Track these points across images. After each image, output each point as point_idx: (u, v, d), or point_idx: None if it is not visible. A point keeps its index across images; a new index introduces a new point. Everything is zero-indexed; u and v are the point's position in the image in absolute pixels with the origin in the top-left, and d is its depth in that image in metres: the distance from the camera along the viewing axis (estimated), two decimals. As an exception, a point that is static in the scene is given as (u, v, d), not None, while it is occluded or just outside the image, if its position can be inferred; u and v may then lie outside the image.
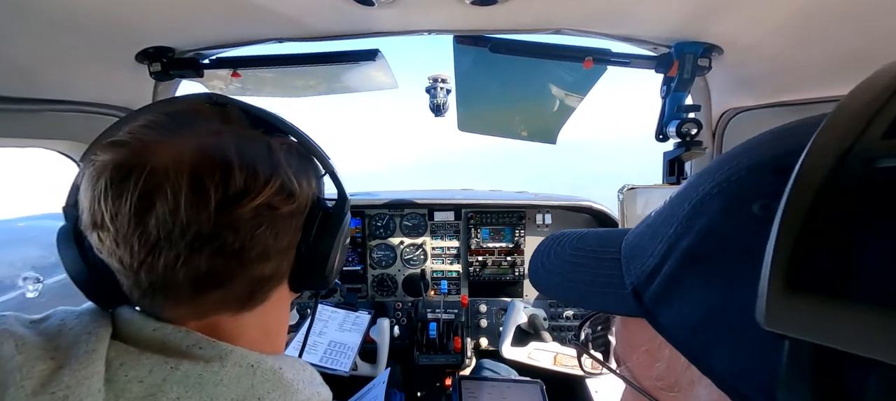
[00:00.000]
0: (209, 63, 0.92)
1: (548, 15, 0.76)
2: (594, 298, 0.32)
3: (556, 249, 0.39)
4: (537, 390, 0.93)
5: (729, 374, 0.21)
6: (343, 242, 0.46)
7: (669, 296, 0.25)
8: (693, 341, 0.23)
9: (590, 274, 0.33)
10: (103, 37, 0.74)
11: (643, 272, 0.27)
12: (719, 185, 0.24)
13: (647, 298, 0.26)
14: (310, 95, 1.23)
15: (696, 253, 0.24)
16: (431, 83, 1.15)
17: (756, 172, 0.22)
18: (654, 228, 0.28)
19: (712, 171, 0.25)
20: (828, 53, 0.72)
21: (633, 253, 0.30)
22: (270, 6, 0.70)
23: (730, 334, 0.21)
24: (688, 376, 0.25)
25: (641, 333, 0.28)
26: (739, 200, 0.22)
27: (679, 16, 0.73)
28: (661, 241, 0.26)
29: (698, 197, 0.25)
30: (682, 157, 0.89)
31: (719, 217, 0.23)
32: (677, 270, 0.24)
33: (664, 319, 0.25)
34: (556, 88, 1.07)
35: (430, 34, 0.84)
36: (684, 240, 0.24)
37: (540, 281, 0.39)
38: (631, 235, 0.32)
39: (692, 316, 0.23)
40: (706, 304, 0.23)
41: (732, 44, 0.80)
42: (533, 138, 1.33)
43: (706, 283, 0.23)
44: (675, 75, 0.86)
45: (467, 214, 1.51)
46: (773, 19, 0.68)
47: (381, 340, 1.24)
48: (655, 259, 0.26)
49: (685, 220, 0.25)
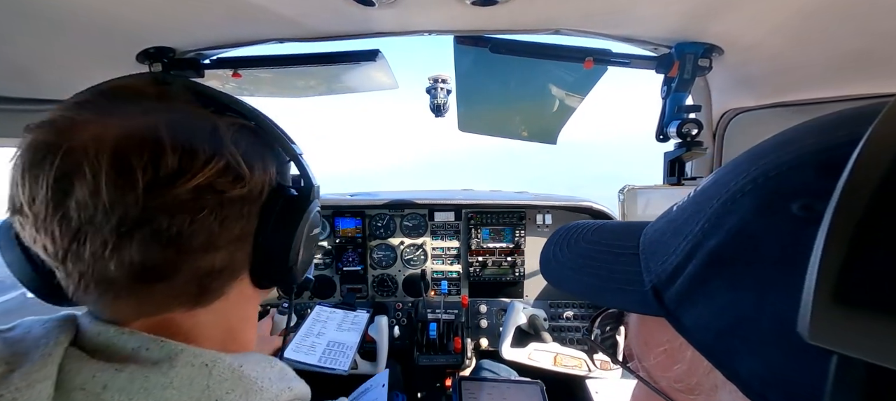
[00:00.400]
0: (210, 63, 0.92)
1: (548, 15, 0.76)
2: (610, 294, 0.31)
3: (570, 240, 0.38)
4: (537, 391, 0.93)
5: (758, 381, 0.20)
6: (308, 233, 0.43)
7: (693, 297, 0.23)
8: (718, 345, 0.22)
9: (605, 269, 0.32)
10: (104, 37, 0.74)
11: (664, 270, 0.26)
12: (754, 181, 0.22)
13: (668, 298, 0.25)
14: (310, 96, 1.23)
15: (724, 254, 0.22)
16: (432, 83, 1.15)
17: (797, 168, 0.20)
18: (676, 224, 0.27)
19: (744, 166, 0.23)
20: (828, 53, 0.72)
21: (653, 249, 0.28)
22: (271, 7, 0.70)
23: (760, 341, 0.20)
24: (710, 380, 0.24)
25: (661, 332, 0.27)
26: (776, 198, 0.20)
27: (679, 16, 0.73)
28: (686, 238, 0.25)
29: (729, 194, 0.23)
30: (682, 157, 0.89)
31: (752, 216, 0.21)
32: (703, 271, 0.23)
33: (687, 320, 0.24)
34: (556, 89, 1.07)
35: (430, 34, 0.84)
36: (712, 239, 0.23)
37: (552, 273, 0.37)
38: (650, 230, 0.31)
39: (719, 320, 0.22)
40: (735, 308, 0.21)
41: (733, 44, 0.80)
42: (533, 139, 1.33)
43: (735, 286, 0.21)
44: (676, 76, 0.85)
45: (467, 214, 1.51)
46: (774, 19, 0.68)
47: (380, 337, 1.24)
48: (678, 257, 0.25)
49: (713, 218, 0.23)
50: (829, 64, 0.75)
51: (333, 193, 1.61)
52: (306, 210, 0.42)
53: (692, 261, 0.24)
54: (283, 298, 1.56)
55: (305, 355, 1.09)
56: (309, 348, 1.12)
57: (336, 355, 1.10)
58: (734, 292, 0.21)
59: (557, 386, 1.12)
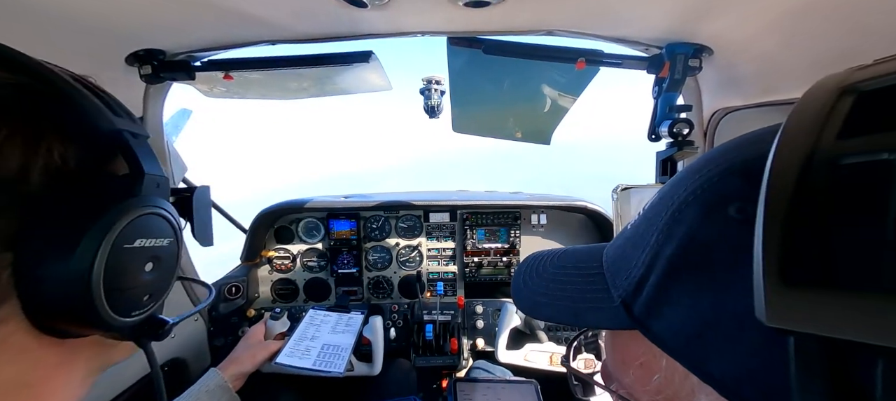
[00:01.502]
0: (201, 65, 0.92)
1: (540, 17, 0.76)
2: (584, 314, 0.32)
3: (538, 268, 0.39)
4: (531, 390, 0.93)
5: (730, 379, 0.21)
6: (126, 246, 0.29)
7: (659, 306, 0.25)
8: (689, 349, 0.23)
9: (576, 290, 0.33)
10: (93, 39, 0.73)
11: (630, 284, 0.27)
12: (693, 192, 0.24)
13: (637, 310, 0.26)
14: (304, 97, 1.22)
15: (680, 261, 0.24)
16: (426, 85, 1.15)
17: (727, 176, 0.23)
18: (633, 240, 0.29)
19: (684, 179, 0.26)
20: (816, 52, 0.73)
21: (617, 266, 0.30)
22: (263, 8, 0.70)
23: (726, 340, 0.21)
24: (687, 386, 0.25)
25: (635, 346, 0.28)
26: (715, 204, 0.23)
27: (669, 17, 0.74)
28: (644, 250, 0.26)
29: (675, 205, 0.25)
30: (674, 156, 0.90)
31: (698, 223, 0.24)
32: (664, 280, 0.25)
33: (657, 329, 0.25)
34: (549, 89, 1.08)
35: (423, 36, 0.84)
36: (667, 248, 0.25)
37: (524, 301, 0.38)
38: (610, 249, 0.33)
39: (686, 325, 0.23)
40: (697, 312, 0.23)
41: (722, 44, 0.81)
42: (527, 139, 1.34)
43: (695, 290, 0.23)
44: (667, 76, 0.87)
45: (463, 215, 1.51)
46: (762, 20, 0.69)
47: (376, 338, 1.23)
48: (640, 270, 0.26)
49: (665, 228, 0.25)
50: (816, 63, 0.76)
51: (327, 196, 1.60)
52: (119, 209, 0.29)
53: (653, 271, 0.25)
54: (276, 303, 1.54)
55: (300, 360, 1.08)
56: (303, 352, 1.11)
57: (331, 357, 1.10)
58: (694, 296, 0.23)
59: (554, 385, 1.12)
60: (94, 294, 0.27)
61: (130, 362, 1.00)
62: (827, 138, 0.17)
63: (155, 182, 0.32)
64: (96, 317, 0.28)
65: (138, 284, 0.32)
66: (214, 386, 0.92)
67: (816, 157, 0.17)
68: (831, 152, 0.17)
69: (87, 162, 0.29)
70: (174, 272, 0.36)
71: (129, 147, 0.31)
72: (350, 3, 0.66)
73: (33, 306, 0.26)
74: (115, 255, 0.28)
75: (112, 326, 0.30)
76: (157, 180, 0.33)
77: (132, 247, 0.30)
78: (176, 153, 1.21)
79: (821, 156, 0.17)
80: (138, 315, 0.32)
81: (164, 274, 0.34)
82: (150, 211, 0.31)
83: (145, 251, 0.31)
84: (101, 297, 0.28)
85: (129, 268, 0.31)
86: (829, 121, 0.18)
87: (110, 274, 0.28)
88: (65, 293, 0.26)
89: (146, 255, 0.32)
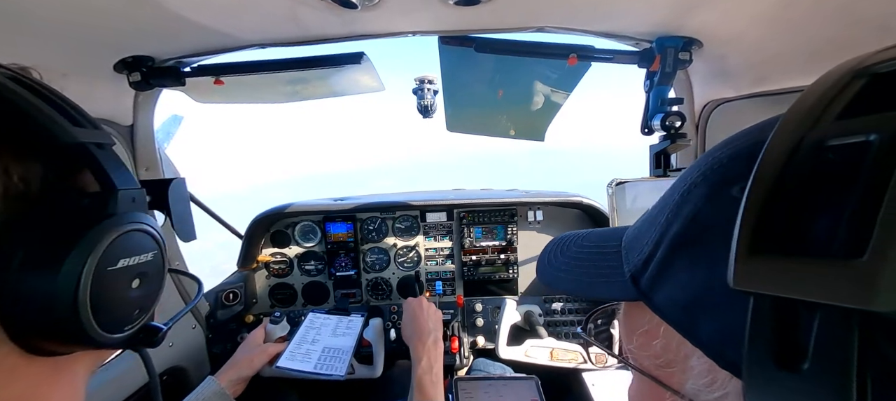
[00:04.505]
0: (191, 71, 0.91)
1: (531, 13, 0.76)
2: (598, 287, 0.35)
3: (563, 247, 0.42)
4: (532, 386, 0.94)
5: (716, 341, 0.24)
6: (103, 269, 0.28)
7: (662, 279, 0.27)
8: (684, 317, 0.26)
9: (594, 267, 0.36)
10: (78, 47, 0.72)
11: (640, 260, 0.30)
12: (703, 174, 0.26)
13: (643, 283, 0.29)
14: (296, 101, 1.22)
15: (683, 238, 0.26)
16: (418, 85, 1.15)
17: (734, 159, 0.25)
18: (649, 220, 0.31)
19: (698, 163, 0.28)
20: (803, 42, 0.74)
21: (632, 245, 0.32)
22: (252, 12, 0.69)
23: (714, 307, 0.23)
24: (682, 351, 0.27)
25: (640, 316, 0.30)
26: (720, 185, 0.25)
27: (658, 11, 0.75)
28: (655, 229, 0.29)
29: (686, 186, 0.27)
30: (667, 149, 0.90)
31: (703, 203, 0.25)
32: (668, 255, 0.27)
33: (658, 299, 0.27)
34: (542, 86, 1.08)
35: (414, 36, 0.84)
36: (674, 226, 0.27)
37: (548, 276, 0.41)
38: (631, 229, 0.35)
39: (683, 295, 0.25)
40: (693, 283, 0.25)
41: (711, 37, 0.82)
42: (521, 136, 1.34)
43: (692, 264, 0.25)
44: (658, 69, 0.87)
45: (459, 213, 1.51)
46: (749, 11, 0.70)
47: (376, 341, 1.23)
48: (650, 247, 0.29)
49: (675, 208, 0.27)
50: (805, 52, 0.77)
51: (322, 199, 1.60)
52: (97, 232, 0.28)
53: (660, 247, 0.28)
54: (275, 307, 1.54)
55: (301, 363, 1.08)
56: (304, 355, 1.11)
57: (332, 360, 1.09)
58: (692, 270, 0.25)
59: (554, 380, 1.12)
60: (83, 318, 0.27)
61: (130, 371, 1.00)
62: (825, 120, 0.19)
63: (130, 196, 0.31)
64: (87, 338, 0.28)
65: (126, 302, 0.31)
66: (211, 394, 0.91)
67: (806, 138, 0.19)
68: (821, 134, 0.18)
69: (53, 182, 0.27)
70: (162, 281, 0.35)
71: (95, 161, 0.29)
72: (340, 5, 0.66)
73: (19, 332, 0.26)
74: (99, 279, 0.28)
75: (105, 343, 0.29)
76: (132, 194, 0.31)
77: (116, 268, 0.29)
78: (168, 160, 1.20)
79: (811, 137, 0.19)
80: (130, 329, 0.32)
81: (151, 286, 0.33)
82: (130, 229, 0.30)
83: (130, 270, 0.31)
84: (89, 320, 0.27)
85: (116, 288, 0.30)
86: (832, 103, 0.19)
87: (96, 299, 0.27)
88: (52, 320, 0.26)
89: (131, 273, 0.31)
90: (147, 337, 0.35)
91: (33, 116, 0.27)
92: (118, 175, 0.30)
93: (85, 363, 0.33)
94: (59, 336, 0.27)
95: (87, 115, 0.32)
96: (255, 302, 1.51)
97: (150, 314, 0.35)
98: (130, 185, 0.31)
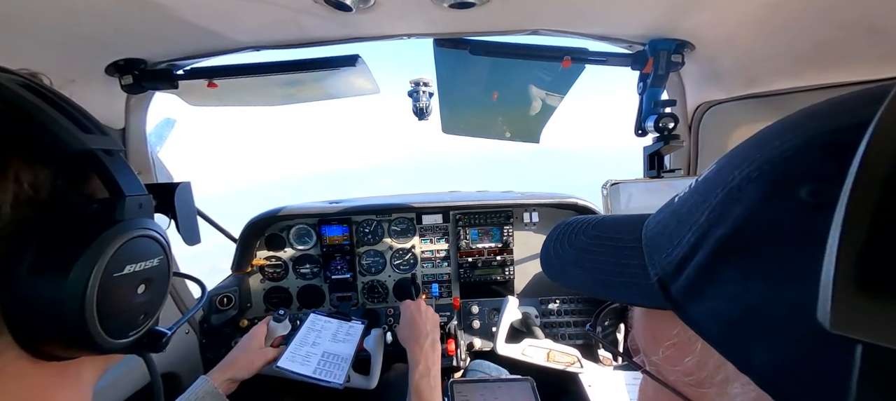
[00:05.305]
0: (184, 74, 0.90)
1: (525, 16, 0.77)
2: (617, 288, 0.30)
3: (570, 235, 0.37)
4: (528, 388, 0.93)
5: (773, 371, 0.19)
6: (115, 271, 0.29)
7: (701, 288, 0.23)
8: (729, 336, 0.21)
9: (609, 263, 0.31)
10: (70, 50, 0.71)
11: (670, 262, 0.25)
12: (759, 168, 0.21)
13: (675, 291, 0.24)
14: (290, 103, 1.21)
15: (732, 243, 0.22)
16: (414, 87, 1.15)
17: (803, 152, 0.20)
18: (679, 215, 0.26)
19: (748, 153, 0.23)
20: (794, 45, 0.75)
21: (657, 242, 0.28)
22: (246, 14, 0.69)
23: (773, 331, 0.19)
24: (722, 373, 0.23)
25: (669, 325, 0.26)
26: (783, 184, 0.20)
27: (651, 14, 0.76)
28: (691, 229, 0.24)
29: (734, 182, 0.22)
30: (661, 150, 0.91)
31: (760, 204, 0.21)
32: (710, 262, 0.23)
33: (696, 312, 0.23)
34: (536, 89, 1.09)
35: (409, 38, 0.84)
36: (718, 229, 0.22)
37: (554, 268, 0.36)
38: (652, 223, 0.30)
39: (729, 310, 0.21)
40: (745, 298, 0.21)
41: (703, 39, 0.83)
42: (517, 138, 1.35)
43: (745, 276, 0.21)
44: (650, 71, 0.88)
45: (455, 215, 1.51)
46: (740, 14, 0.71)
47: (376, 351, 1.22)
48: (684, 249, 0.24)
49: (719, 207, 0.23)
50: (796, 55, 0.78)
51: (317, 202, 1.59)
52: (104, 239, 0.28)
53: (699, 252, 0.23)
54: (269, 311, 1.52)
55: (300, 366, 1.06)
56: (304, 358, 1.10)
57: (331, 367, 1.08)
58: (744, 282, 0.21)
59: (550, 382, 1.12)
60: (89, 324, 0.27)
61: (128, 373, 0.98)
62: None
63: (137, 203, 0.31)
64: (93, 344, 0.28)
65: (132, 308, 0.31)
66: (203, 394, 0.90)
67: None
68: None
69: (62, 188, 0.28)
70: (167, 287, 0.36)
71: (104, 168, 0.30)
72: (335, 7, 0.66)
73: (26, 338, 0.26)
74: (106, 286, 0.28)
75: (110, 349, 0.30)
76: (139, 200, 0.31)
77: (122, 274, 0.29)
78: (161, 164, 1.19)
79: None
80: (135, 334, 0.32)
81: (157, 292, 0.34)
82: (137, 235, 0.30)
83: (136, 276, 0.31)
84: (95, 326, 0.28)
85: (122, 294, 0.30)
86: None
87: (102, 304, 0.28)
88: (58, 327, 0.26)
89: (137, 279, 0.31)
90: (151, 342, 0.35)
91: (44, 123, 0.27)
92: (126, 181, 0.31)
93: (91, 368, 0.33)
94: (66, 342, 0.28)
95: (96, 121, 0.32)
96: (249, 306, 1.50)
97: (155, 319, 0.35)
98: (138, 191, 0.32)
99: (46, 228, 0.26)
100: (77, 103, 0.31)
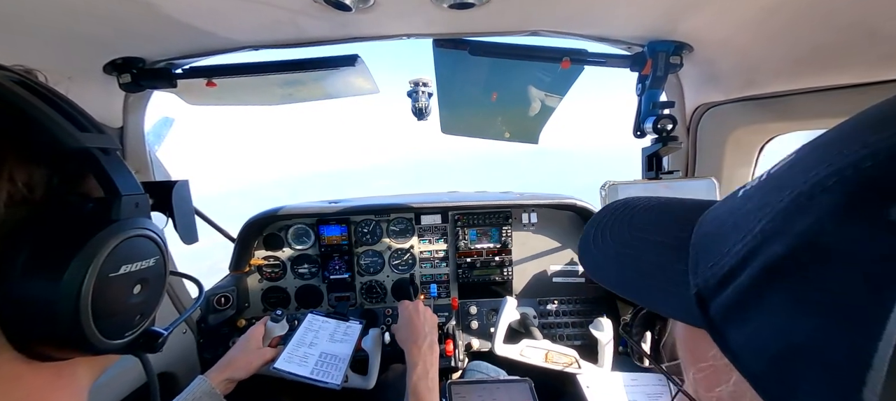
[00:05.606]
0: (182, 73, 0.90)
1: (524, 17, 0.77)
2: (652, 294, 0.26)
3: (615, 224, 0.33)
4: (526, 389, 0.94)
5: None
6: (105, 276, 0.28)
7: (745, 312, 0.19)
8: (771, 373, 0.18)
9: (649, 262, 0.28)
10: (68, 48, 0.71)
11: (714, 274, 0.21)
12: (839, 173, 0.17)
13: (714, 309, 0.21)
14: (290, 103, 1.21)
15: (788, 264, 0.18)
16: (413, 87, 1.15)
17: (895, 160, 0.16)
18: (737, 215, 0.22)
19: (827, 152, 0.18)
20: (792, 47, 0.75)
21: (706, 244, 0.24)
22: (245, 13, 0.69)
23: (829, 377, 0.16)
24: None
25: (704, 346, 0.23)
26: (868, 199, 0.16)
27: (650, 15, 0.76)
28: (744, 237, 0.20)
29: (806, 186, 0.18)
30: (659, 152, 0.91)
31: (832, 221, 0.16)
32: (758, 283, 0.19)
33: (735, 340, 0.20)
34: (535, 89, 1.09)
35: (408, 38, 0.84)
36: (775, 243, 0.18)
37: (589, 261, 0.34)
38: (708, 217, 0.26)
39: (774, 343, 0.18)
40: (796, 332, 0.17)
41: (701, 41, 0.83)
42: (515, 139, 1.35)
43: (799, 307, 0.17)
44: (649, 73, 0.88)
45: (454, 216, 1.51)
46: (738, 16, 0.71)
47: (374, 351, 1.22)
48: (732, 260, 0.20)
49: (780, 216, 0.19)
50: (794, 57, 0.78)
51: (315, 201, 1.59)
52: (99, 239, 0.27)
53: (747, 268, 0.19)
54: (267, 312, 1.52)
55: (298, 366, 1.06)
56: (301, 358, 1.09)
57: (329, 367, 1.08)
58: (796, 315, 0.17)
59: (548, 383, 1.12)
60: (84, 326, 0.27)
61: (124, 373, 0.98)
62: None
63: (133, 202, 0.31)
64: (88, 345, 0.28)
65: (128, 308, 0.31)
66: (201, 394, 0.90)
67: None
68: None
69: (57, 187, 0.27)
70: (164, 287, 0.35)
71: (100, 167, 0.29)
72: (334, 7, 0.66)
73: (20, 339, 0.26)
74: (101, 286, 0.27)
75: (106, 349, 0.29)
76: (135, 200, 0.31)
77: (118, 274, 0.29)
78: (158, 162, 1.18)
79: None
80: (131, 335, 0.32)
81: (153, 292, 0.33)
82: (133, 234, 0.30)
83: (132, 276, 0.30)
84: (90, 327, 0.27)
85: (117, 295, 0.30)
86: None
87: (97, 305, 0.27)
88: (53, 328, 0.26)
89: (133, 279, 0.31)
90: (147, 342, 0.35)
91: (39, 121, 0.26)
92: (122, 180, 0.30)
93: (87, 369, 0.32)
94: (60, 343, 0.27)
95: (92, 119, 0.31)
96: (247, 306, 1.50)
97: (151, 319, 0.35)
98: (135, 190, 0.31)
99: (41, 228, 0.25)
100: (74, 101, 0.31)
